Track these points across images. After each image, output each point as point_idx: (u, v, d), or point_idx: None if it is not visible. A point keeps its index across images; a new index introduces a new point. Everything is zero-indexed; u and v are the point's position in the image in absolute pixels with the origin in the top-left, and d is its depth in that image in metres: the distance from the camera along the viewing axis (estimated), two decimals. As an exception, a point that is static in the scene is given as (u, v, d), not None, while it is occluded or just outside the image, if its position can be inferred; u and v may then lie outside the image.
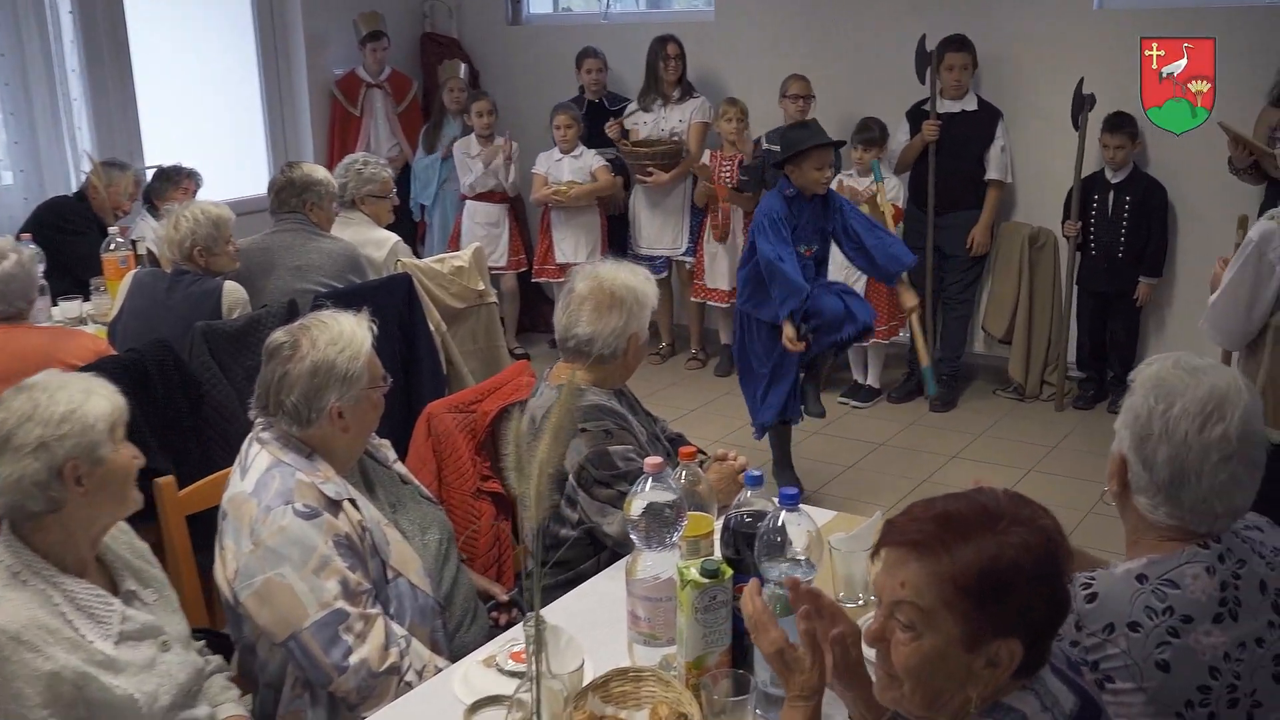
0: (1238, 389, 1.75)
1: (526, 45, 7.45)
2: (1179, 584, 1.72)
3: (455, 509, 3.02)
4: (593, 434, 2.58)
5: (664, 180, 6.40)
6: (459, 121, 6.91)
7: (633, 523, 2.08)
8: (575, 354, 2.69)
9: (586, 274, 2.72)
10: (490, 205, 6.79)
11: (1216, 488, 1.73)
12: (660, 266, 6.68)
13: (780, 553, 2.01)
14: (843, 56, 6.39)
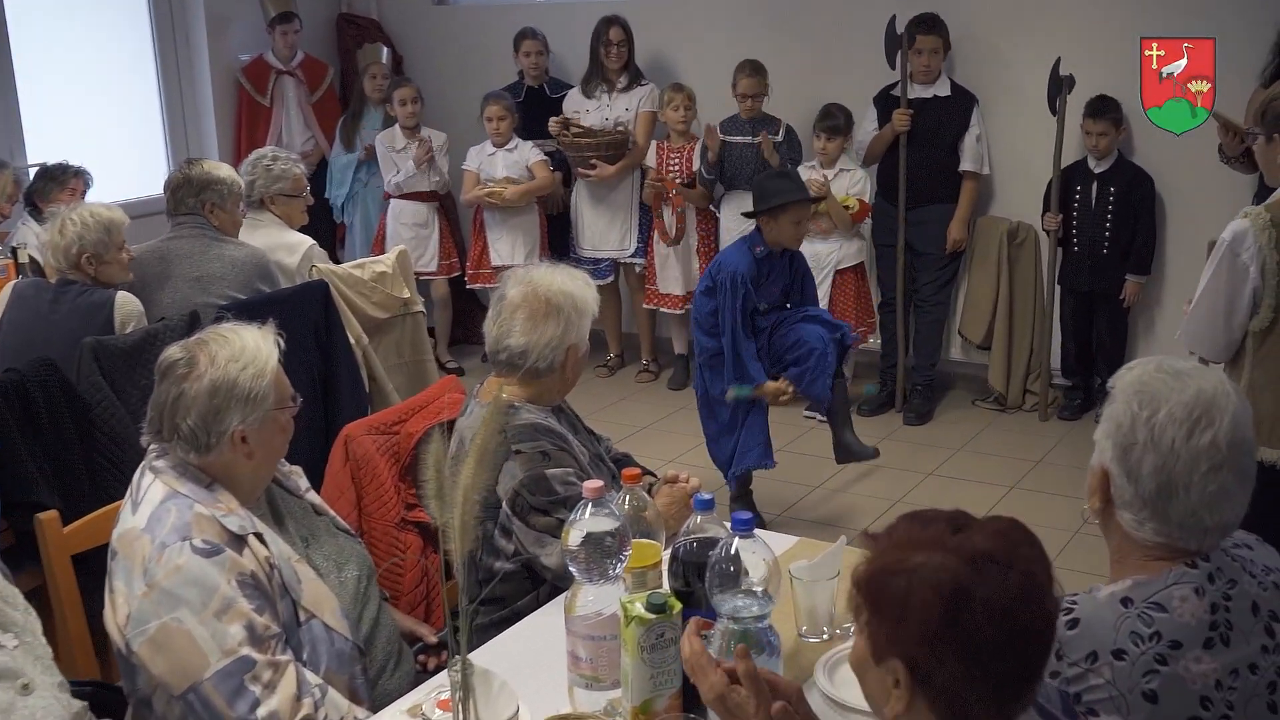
0: (1225, 392, 1.78)
1: (455, 27, 7.44)
2: (1166, 607, 1.75)
3: (377, 542, 3.00)
4: (528, 456, 2.58)
5: (608, 173, 6.42)
6: (381, 112, 6.89)
7: (571, 553, 2.08)
8: (508, 367, 2.69)
9: (520, 279, 2.72)
10: (418, 204, 6.77)
11: (1206, 499, 1.75)
12: (606, 270, 6.68)
13: (734, 584, 2.01)
14: (804, 37, 6.44)
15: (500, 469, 2.57)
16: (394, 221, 6.78)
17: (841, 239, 5.97)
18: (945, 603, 1.43)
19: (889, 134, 5.90)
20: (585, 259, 6.65)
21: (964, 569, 1.44)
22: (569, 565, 2.10)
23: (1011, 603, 1.42)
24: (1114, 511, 1.83)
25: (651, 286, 6.57)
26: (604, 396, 6.52)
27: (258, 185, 4.68)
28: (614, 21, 6.48)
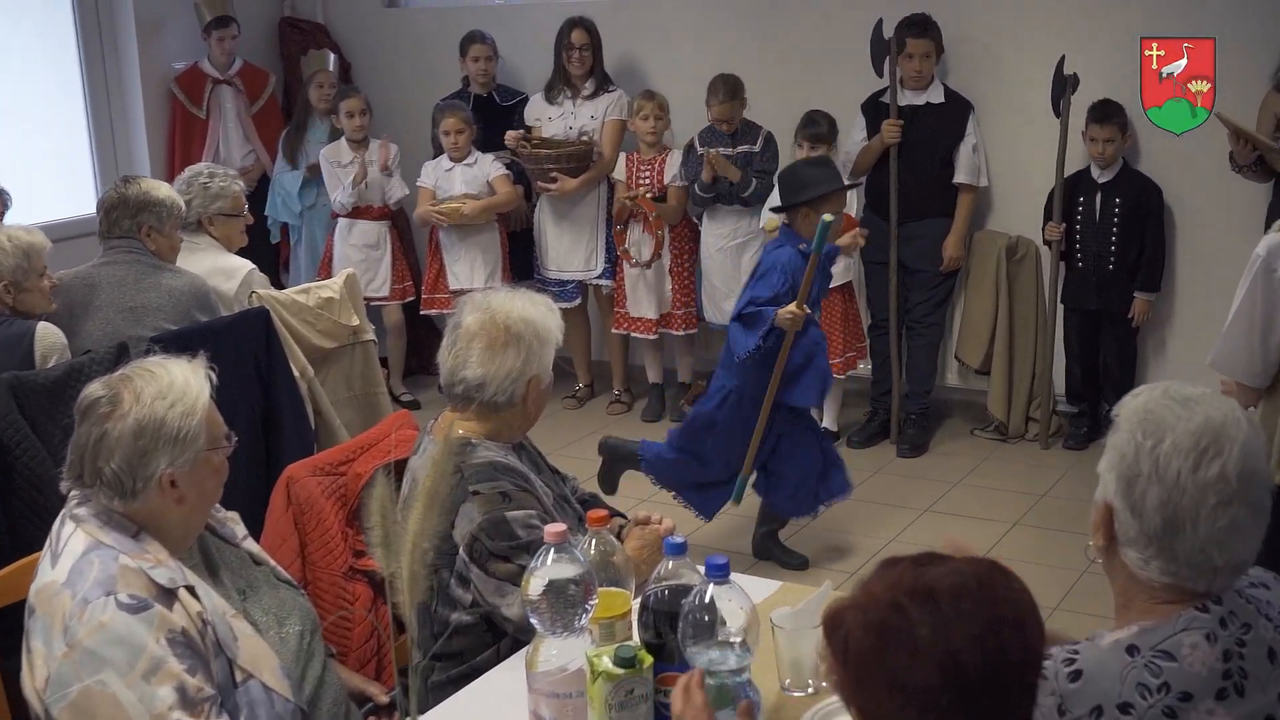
0: (1235, 420, 1.79)
1: (407, 31, 7.45)
2: (1175, 655, 1.75)
3: (323, 593, 2.99)
4: (486, 497, 2.58)
5: (570, 187, 6.43)
6: (328, 124, 6.89)
7: (532, 604, 2.07)
8: (464, 401, 2.69)
9: (476, 305, 2.72)
10: (368, 223, 6.77)
11: (1215, 536, 1.76)
12: (573, 292, 6.69)
13: (709, 634, 2.02)
14: (787, 41, 6.48)
15: (456, 512, 2.56)
16: (342, 243, 6.78)
17: (828, 256, 5.98)
18: (874, 643, 1.47)
19: (878, 145, 5.93)
20: (550, 280, 6.66)
21: (895, 607, 1.46)
22: (530, 616, 2.10)
23: (958, 644, 1.44)
24: (1118, 549, 1.84)
25: (621, 310, 6.58)
26: (572, 430, 6.51)
27: (195, 205, 4.67)
28: (578, 24, 6.50)
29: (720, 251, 6.30)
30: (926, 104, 5.95)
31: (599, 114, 6.53)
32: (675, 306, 6.50)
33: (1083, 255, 5.82)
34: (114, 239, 4.36)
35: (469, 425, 2.69)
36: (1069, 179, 5.78)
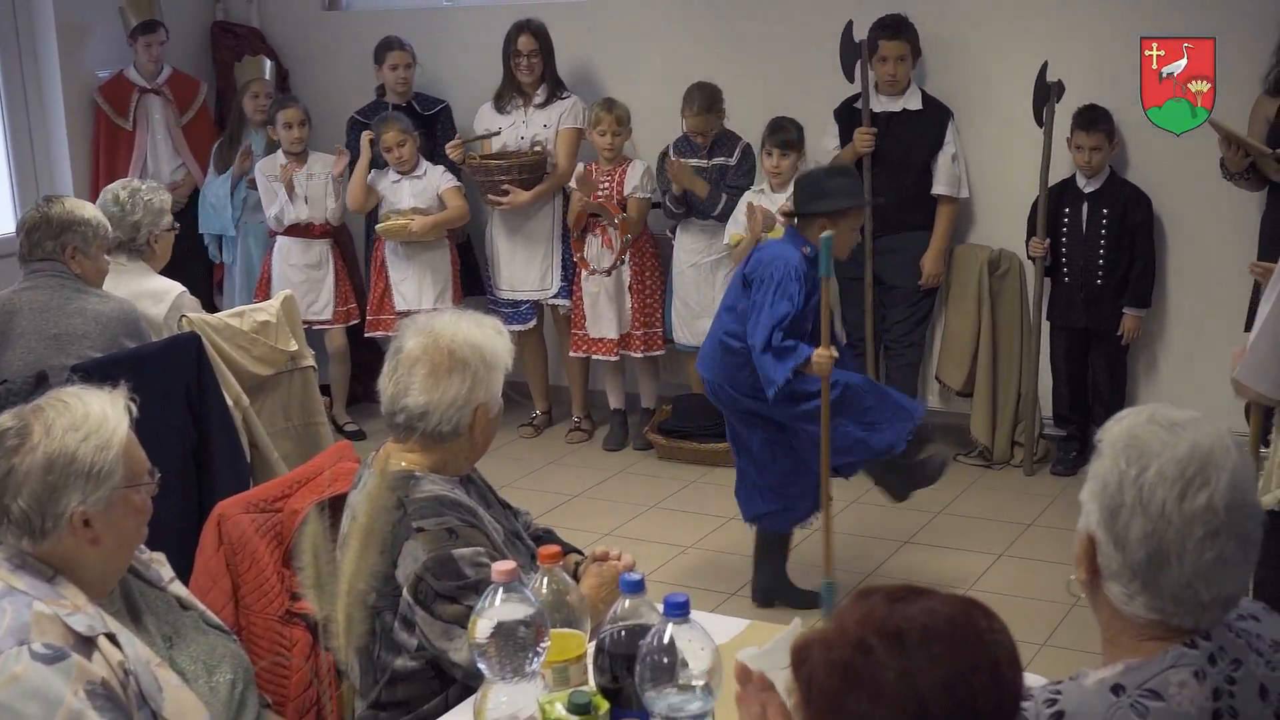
0: (1224, 447, 1.80)
1: (349, 36, 7.44)
2: (1163, 694, 1.76)
3: (258, 639, 2.97)
4: (432, 535, 2.57)
5: (523, 200, 6.43)
6: (264, 135, 6.88)
7: (479, 647, 2.07)
8: (406, 431, 2.69)
9: (419, 328, 2.72)
10: (309, 241, 6.76)
11: (1202, 570, 1.77)
12: (528, 313, 6.69)
13: (669, 677, 2.02)
14: (752, 45, 6.51)
15: (399, 551, 2.56)
16: (282, 262, 6.76)
17: (799, 272, 6.00)
18: (837, 684, 1.49)
19: (850, 155, 5.96)
20: (503, 300, 6.65)
21: (862, 647, 1.47)
22: (477, 661, 2.10)
23: (925, 690, 1.45)
24: (1101, 583, 1.85)
25: (579, 331, 6.58)
26: (529, 461, 6.50)
27: (144, 224, 4.66)
28: (525, 28, 6.51)
29: (694, 269, 6.32)
30: (903, 111, 5.98)
31: (552, 122, 6.54)
32: (635, 326, 6.51)
33: (1069, 269, 5.86)
34: (35, 262, 4.33)
35: (412, 457, 2.69)
36: (1053, 189, 5.82)
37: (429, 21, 7.16)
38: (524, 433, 6.86)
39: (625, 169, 6.36)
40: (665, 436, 6.43)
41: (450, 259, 6.72)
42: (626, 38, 6.81)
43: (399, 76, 6.77)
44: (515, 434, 6.81)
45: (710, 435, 6.30)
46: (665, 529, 5.63)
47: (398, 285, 6.67)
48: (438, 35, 7.12)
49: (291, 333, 4.81)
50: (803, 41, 6.37)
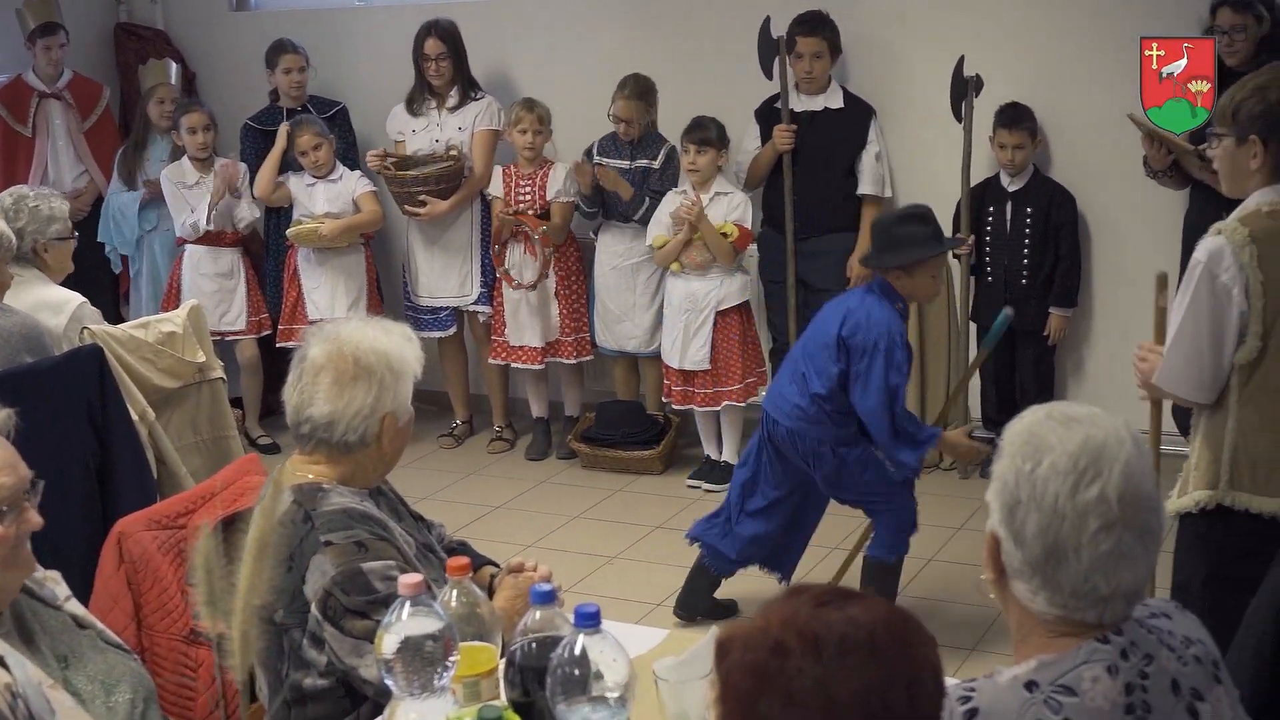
0: (1119, 439, 1.83)
1: (257, 38, 7.36)
2: (1076, 690, 1.79)
3: (162, 659, 2.95)
4: (340, 548, 2.55)
5: (441, 210, 6.42)
6: (170, 141, 6.82)
7: (386, 663, 2.06)
8: (312, 442, 2.67)
9: (324, 336, 2.71)
10: (219, 250, 6.70)
11: (1098, 562, 1.80)
12: (446, 320, 6.67)
13: (581, 690, 2.02)
14: (673, 43, 6.52)
15: (307, 565, 2.54)
16: (191, 272, 6.69)
17: (722, 274, 6.01)
18: (750, 685, 1.50)
19: (770, 154, 5.99)
20: (422, 308, 6.63)
21: (779, 650, 1.47)
22: (384, 677, 2.09)
23: (838, 700, 1.45)
24: (1008, 582, 1.87)
25: (500, 338, 6.57)
26: (450, 472, 6.48)
27: (29, 231, 4.60)
28: (432, 31, 6.47)
29: (615, 271, 6.32)
30: (824, 110, 6.01)
31: (467, 124, 6.52)
32: (564, 333, 6.50)
33: (993, 269, 5.91)
34: (-66, 276, 4.27)
35: (319, 469, 2.67)
36: (977, 188, 5.88)
37: (338, 22, 7.13)
38: (444, 443, 6.83)
39: (547, 172, 6.36)
40: (589, 445, 6.43)
41: (365, 266, 6.69)
42: (544, 38, 6.81)
43: (292, 80, 6.73)
44: (435, 444, 6.79)
45: (634, 443, 6.32)
46: (588, 540, 5.63)
47: (310, 293, 6.62)
48: (349, 36, 7.08)
49: (199, 343, 4.78)
50: (727, 41, 6.39)
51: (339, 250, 6.56)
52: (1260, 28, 5.15)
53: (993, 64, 5.83)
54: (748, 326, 6.16)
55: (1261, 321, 3.22)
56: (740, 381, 6.05)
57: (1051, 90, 5.80)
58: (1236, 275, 3.20)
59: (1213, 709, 1.87)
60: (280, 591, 2.54)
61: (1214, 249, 3.24)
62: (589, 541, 5.61)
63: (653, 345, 6.33)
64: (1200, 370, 3.31)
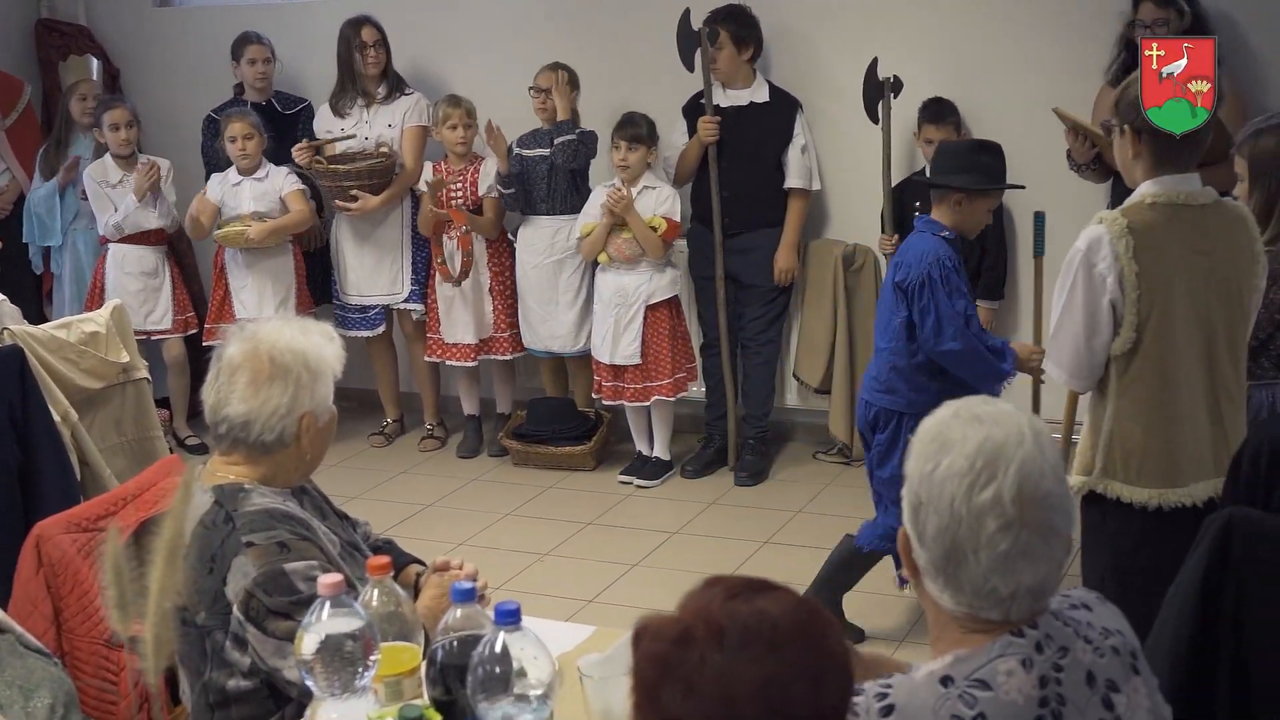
0: (1018, 440, 1.84)
1: (181, 33, 7.34)
2: (991, 684, 1.81)
3: (83, 663, 2.92)
4: (262, 549, 2.54)
5: (374, 205, 6.39)
6: (91, 138, 6.74)
7: (306, 663, 2.06)
8: (229, 441, 2.66)
9: (242, 335, 2.70)
10: (143, 249, 6.64)
11: (997, 563, 1.82)
12: (376, 318, 6.64)
13: (503, 688, 2.02)
14: (604, 41, 6.53)
15: (229, 566, 2.52)
16: (115, 270, 6.63)
17: (651, 268, 6.02)
18: (655, 675, 1.53)
19: (697, 148, 6.00)
20: (351, 306, 6.60)
21: (683, 640, 1.49)
22: (305, 678, 2.08)
23: (737, 692, 1.47)
24: (921, 580, 1.89)
25: (434, 335, 6.55)
26: (381, 470, 6.46)
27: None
28: (366, 21, 6.46)
29: (537, 270, 6.32)
30: (750, 104, 6.03)
31: (396, 121, 6.50)
32: (499, 329, 6.49)
33: (921, 263, 5.95)
34: None
35: (239, 469, 2.66)
36: (904, 182, 5.91)
37: (264, 17, 7.07)
38: (375, 442, 6.81)
39: (478, 167, 6.35)
40: (520, 442, 6.42)
41: (294, 265, 6.62)
42: (467, 36, 6.79)
43: (258, 72, 6.67)
44: (366, 443, 6.76)
45: (566, 439, 6.32)
46: (519, 537, 5.63)
47: (238, 293, 6.56)
48: (274, 32, 7.02)
49: (123, 343, 4.72)
50: (653, 37, 6.39)
51: (266, 250, 6.50)
52: (1182, 21, 5.22)
53: (915, 59, 5.86)
54: (678, 321, 6.18)
55: (1136, 313, 3.26)
56: (670, 376, 6.07)
57: (974, 85, 5.85)
58: (1112, 265, 3.24)
59: (1129, 699, 1.89)
60: (202, 593, 2.53)
61: (1093, 238, 3.28)
62: (520, 539, 5.61)
63: (578, 345, 6.33)
64: (1077, 358, 3.35)
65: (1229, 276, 3.32)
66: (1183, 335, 3.30)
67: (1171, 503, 3.32)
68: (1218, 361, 3.34)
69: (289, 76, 6.96)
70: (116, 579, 1.60)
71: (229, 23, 7.05)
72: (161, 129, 6.96)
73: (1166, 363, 3.31)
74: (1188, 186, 3.31)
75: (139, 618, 1.61)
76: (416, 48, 6.80)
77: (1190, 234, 3.29)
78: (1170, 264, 3.27)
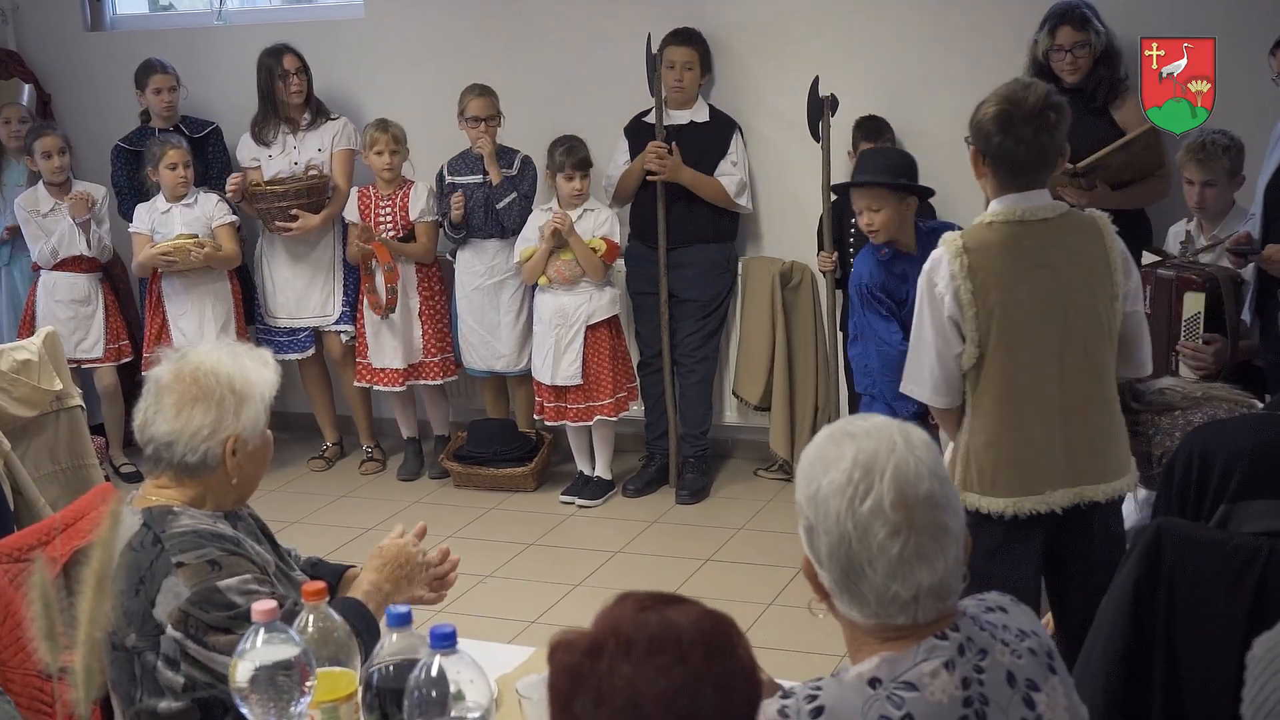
0: (890, 446, 1.88)
1: (114, 58, 7.27)
2: (917, 685, 1.84)
3: (17, 694, 2.88)
4: (193, 569, 2.53)
5: (314, 224, 6.39)
6: (23, 164, 6.68)
7: (240, 691, 2.04)
8: (155, 462, 2.67)
9: (175, 357, 2.70)
10: (75, 276, 6.58)
11: (893, 569, 1.85)
12: (305, 341, 6.61)
13: (440, 711, 2.02)
14: (543, 61, 6.54)
15: (158, 588, 2.51)
16: (47, 298, 6.57)
17: (591, 289, 6.04)
18: (567, 686, 1.56)
19: (639, 169, 6.02)
20: (279, 329, 6.56)
21: (594, 651, 1.52)
22: (240, 706, 2.07)
23: (645, 700, 1.49)
24: (831, 601, 1.92)
25: (364, 361, 6.52)
26: (321, 494, 6.43)
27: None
28: (285, 50, 6.46)
29: (478, 291, 6.32)
30: (690, 123, 6.06)
31: (326, 145, 6.50)
32: (429, 354, 6.47)
33: (857, 279, 5.98)
34: None
35: (168, 492, 2.65)
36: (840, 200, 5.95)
37: (197, 41, 7.04)
38: (315, 466, 6.78)
39: (408, 191, 6.35)
40: (461, 464, 6.41)
41: (232, 289, 6.57)
42: (404, 58, 6.79)
43: (163, 100, 6.62)
44: (306, 468, 6.73)
45: (507, 461, 6.31)
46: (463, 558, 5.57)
47: (176, 320, 6.46)
48: (206, 55, 7.00)
49: (56, 371, 4.68)
50: (590, 60, 6.42)
51: (205, 275, 6.43)
52: (1099, 42, 5.29)
53: (849, 78, 5.90)
54: (618, 340, 6.20)
55: (975, 329, 3.32)
56: (611, 396, 6.08)
57: (907, 103, 5.90)
58: (948, 284, 3.30)
59: (1048, 698, 1.92)
60: (130, 615, 2.53)
61: (935, 258, 3.36)
62: (462, 561, 5.55)
63: (521, 363, 6.33)
64: (928, 375, 3.42)
65: (1077, 287, 3.36)
66: (1028, 348, 3.35)
67: (1026, 511, 3.37)
68: (1072, 372, 3.37)
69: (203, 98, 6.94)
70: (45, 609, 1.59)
71: (166, 47, 6.98)
72: (94, 155, 6.90)
73: (1011, 376, 3.36)
74: (1029, 203, 3.35)
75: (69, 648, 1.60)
76: (338, 72, 6.79)
77: (1030, 248, 3.34)
78: (1008, 280, 3.32)
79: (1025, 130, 3.28)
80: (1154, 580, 2.70)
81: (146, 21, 7.55)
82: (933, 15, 5.93)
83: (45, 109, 7.24)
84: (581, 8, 6.46)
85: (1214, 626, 2.65)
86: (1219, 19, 5.57)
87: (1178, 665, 2.69)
